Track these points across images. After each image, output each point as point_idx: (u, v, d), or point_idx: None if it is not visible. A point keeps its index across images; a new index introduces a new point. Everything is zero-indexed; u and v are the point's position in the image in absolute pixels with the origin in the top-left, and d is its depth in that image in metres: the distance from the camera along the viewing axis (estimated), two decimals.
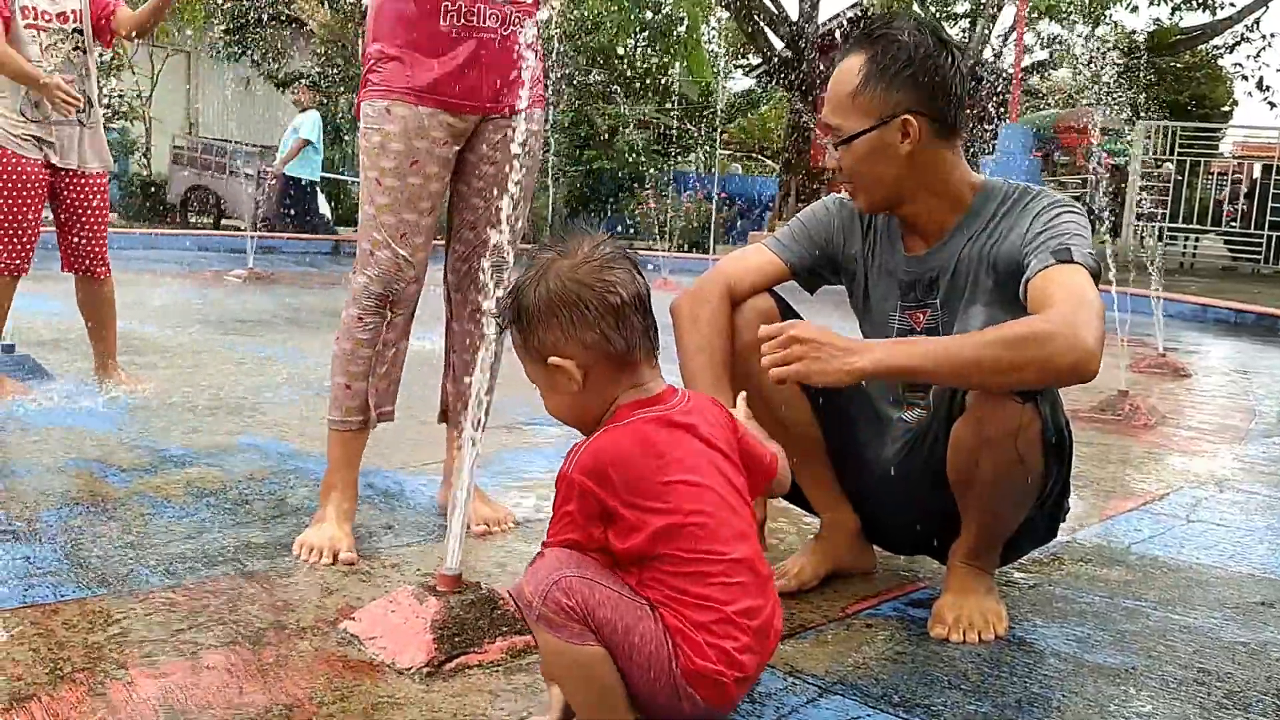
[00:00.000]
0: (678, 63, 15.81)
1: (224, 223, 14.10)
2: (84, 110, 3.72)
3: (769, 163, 17.12)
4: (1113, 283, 5.48)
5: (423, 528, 2.48)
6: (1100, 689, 1.76)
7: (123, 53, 12.44)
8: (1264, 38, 18.97)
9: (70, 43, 3.68)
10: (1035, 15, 17.75)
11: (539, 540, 1.50)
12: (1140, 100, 14.66)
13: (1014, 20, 15.33)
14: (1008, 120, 13.13)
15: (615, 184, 15.82)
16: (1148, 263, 6.10)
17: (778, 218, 14.82)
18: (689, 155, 17.61)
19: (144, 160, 15.77)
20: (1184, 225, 15.27)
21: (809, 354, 1.72)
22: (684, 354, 2.04)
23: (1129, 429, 4.04)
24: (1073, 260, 1.79)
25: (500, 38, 2.30)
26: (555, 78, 13.95)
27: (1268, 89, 19.58)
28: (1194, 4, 17.96)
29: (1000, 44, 18.85)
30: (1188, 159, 15.03)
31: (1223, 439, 4.03)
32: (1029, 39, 18.29)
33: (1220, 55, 20.26)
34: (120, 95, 14.24)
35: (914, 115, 1.91)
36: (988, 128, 13.39)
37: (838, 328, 1.79)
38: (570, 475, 1.42)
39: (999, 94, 14.79)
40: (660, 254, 10.81)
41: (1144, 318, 6.27)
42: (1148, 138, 15.17)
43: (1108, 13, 18.12)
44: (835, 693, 1.70)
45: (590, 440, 1.46)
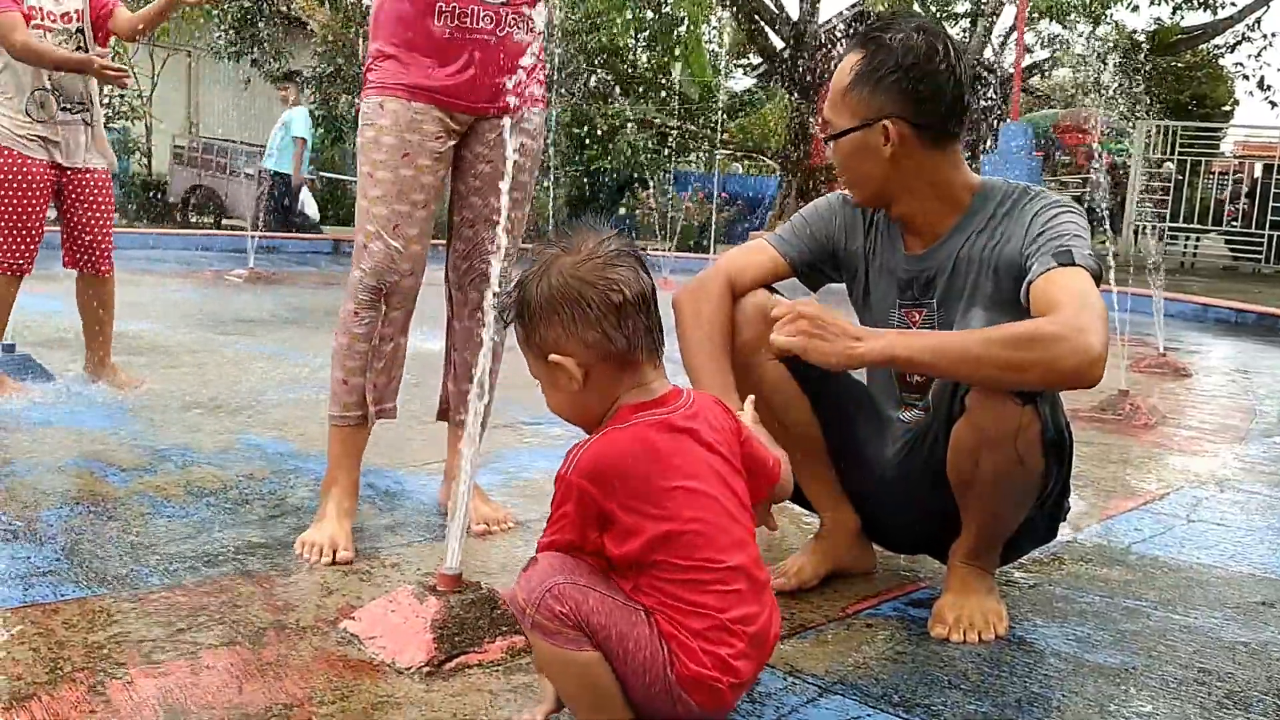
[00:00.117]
0: (678, 62, 15.79)
1: (225, 222, 14.11)
2: (88, 109, 3.75)
3: (769, 162, 17.10)
4: (1113, 283, 5.48)
5: (423, 527, 2.48)
6: (1100, 689, 1.76)
7: (123, 52, 12.43)
8: (1265, 37, 19.00)
9: (74, 42, 3.70)
10: (1035, 15, 17.74)
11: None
12: (1141, 99, 14.64)
13: (1014, 20, 15.34)
14: (1008, 119, 13.13)
15: (615, 184, 15.81)
16: (1148, 262, 6.10)
17: (778, 217, 14.80)
18: (689, 155, 17.59)
19: (144, 160, 15.78)
20: (1185, 225, 15.26)
21: (812, 331, 1.72)
22: (686, 349, 2.04)
23: (1129, 429, 4.04)
24: (1074, 263, 1.79)
25: (495, 40, 2.31)
26: (556, 77, 13.95)
27: (1269, 88, 19.60)
28: (1195, 3, 17.94)
29: (1000, 43, 18.86)
30: (1188, 159, 15.02)
31: (1223, 439, 4.02)
32: (1029, 39, 18.29)
33: (1221, 54, 20.26)
34: (120, 95, 14.21)
35: (895, 121, 1.92)
36: (988, 128, 13.39)
37: None
38: (569, 477, 1.41)
39: (999, 94, 14.79)
40: (661, 253, 10.81)
41: (1144, 317, 6.27)
42: (1148, 137, 15.16)
43: (1108, 12, 18.11)
44: (835, 692, 1.70)
45: (590, 442, 1.43)
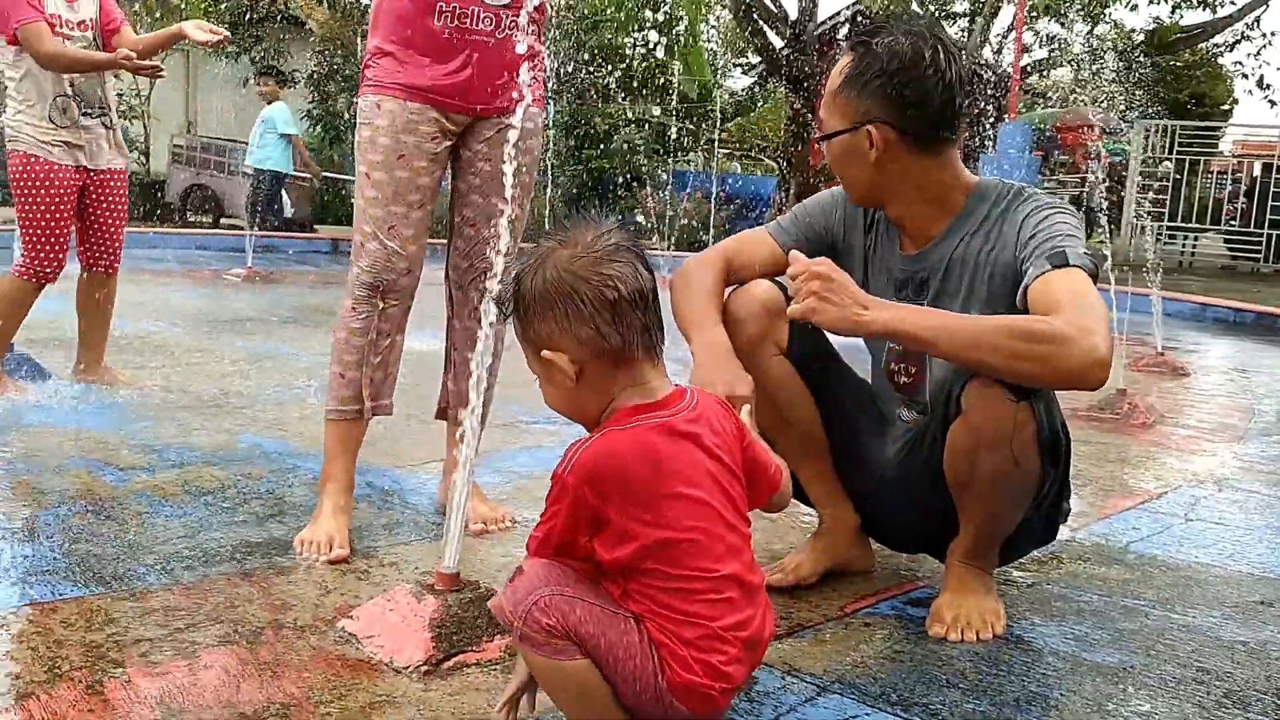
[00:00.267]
0: (676, 62, 15.80)
1: (223, 221, 14.09)
2: (107, 112, 3.84)
3: (768, 161, 17.11)
4: (1111, 282, 5.48)
5: (421, 526, 2.48)
6: (1099, 688, 1.76)
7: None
8: (1264, 36, 18.98)
9: (91, 49, 3.77)
10: (1034, 15, 17.74)
11: None
12: (1139, 99, 14.65)
13: (1013, 19, 15.34)
14: (1007, 119, 13.12)
15: (614, 183, 15.81)
16: (1146, 262, 6.10)
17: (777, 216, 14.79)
18: (688, 154, 17.60)
19: (143, 159, 15.76)
20: (1183, 224, 15.27)
21: (823, 292, 1.72)
22: (676, 309, 2.00)
23: (1127, 428, 4.04)
24: (1069, 264, 1.78)
25: (495, 41, 2.31)
26: (554, 75, 13.94)
27: (1268, 87, 19.59)
28: (1194, 2, 17.94)
29: (999, 42, 18.86)
30: (1187, 158, 15.03)
31: (1221, 438, 4.03)
32: (1028, 38, 18.29)
33: (1220, 53, 20.26)
34: (119, 94, 14.21)
35: (880, 126, 1.91)
36: (987, 127, 13.39)
37: None
38: (565, 477, 1.38)
39: (998, 93, 14.78)
40: (659, 252, 10.81)
41: (1143, 316, 6.27)
42: (1147, 136, 15.16)
43: (1107, 11, 18.12)
44: (833, 691, 1.70)
45: (589, 442, 1.40)
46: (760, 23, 16.02)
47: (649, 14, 16.11)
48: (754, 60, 19.24)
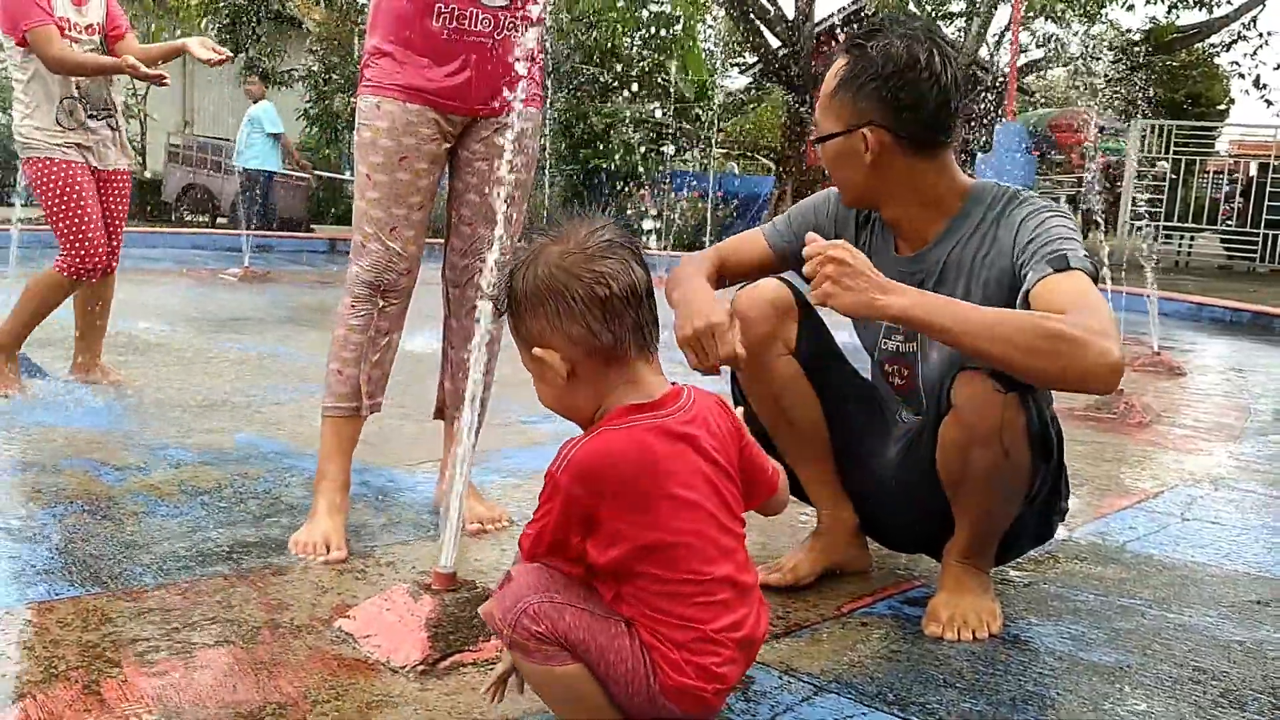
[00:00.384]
0: (673, 61, 15.78)
1: (219, 221, 14.08)
2: (112, 114, 3.87)
3: (765, 161, 17.12)
4: (1107, 282, 5.48)
5: (418, 526, 2.47)
6: (1095, 687, 1.76)
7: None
8: (1261, 35, 19.01)
9: (98, 53, 3.81)
10: (1030, 15, 17.75)
11: None
12: (1136, 98, 14.65)
13: (1009, 19, 15.34)
14: (1003, 119, 13.14)
15: (611, 183, 15.80)
16: (1143, 261, 6.11)
17: (774, 216, 14.80)
18: (685, 154, 17.59)
19: (139, 159, 15.74)
20: (1180, 224, 15.28)
21: (841, 276, 1.70)
22: (670, 297, 1.96)
23: (1124, 427, 4.04)
24: (1070, 267, 1.77)
25: (493, 43, 2.31)
26: (551, 75, 13.93)
27: (1264, 87, 19.63)
28: (1190, 2, 17.96)
29: (995, 42, 18.87)
30: (1183, 157, 15.04)
31: (1218, 437, 4.03)
32: (1024, 38, 18.30)
33: (1217, 53, 20.28)
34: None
35: (875, 129, 1.91)
36: (983, 127, 13.40)
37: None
38: (558, 476, 1.36)
39: (995, 92, 14.79)
40: (656, 252, 10.80)
41: (1139, 316, 6.27)
42: (1143, 136, 15.17)
43: (1103, 11, 18.13)
44: (830, 691, 1.70)
45: (584, 442, 1.38)
46: (757, 22, 16.03)
47: (645, 12, 16.09)
48: (750, 60, 19.26)
